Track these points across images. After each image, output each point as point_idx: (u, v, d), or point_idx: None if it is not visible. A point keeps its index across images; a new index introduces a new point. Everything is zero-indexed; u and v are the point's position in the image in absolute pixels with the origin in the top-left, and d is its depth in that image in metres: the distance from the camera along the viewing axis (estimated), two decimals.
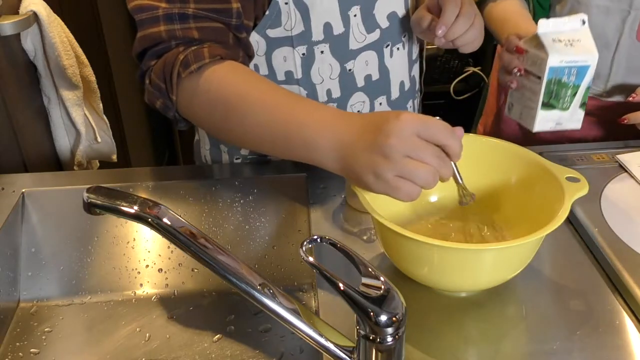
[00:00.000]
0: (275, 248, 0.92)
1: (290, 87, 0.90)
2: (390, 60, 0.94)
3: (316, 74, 0.89)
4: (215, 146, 1.02)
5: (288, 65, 0.88)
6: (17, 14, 1.04)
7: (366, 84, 0.93)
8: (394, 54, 0.94)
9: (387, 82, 0.96)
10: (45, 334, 0.83)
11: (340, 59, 0.89)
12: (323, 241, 0.55)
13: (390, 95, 0.97)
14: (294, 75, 0.89)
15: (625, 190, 0.87)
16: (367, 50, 0.91)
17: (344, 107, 0.94)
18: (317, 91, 0.91)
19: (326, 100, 0.92)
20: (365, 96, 0.95)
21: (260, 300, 0.56)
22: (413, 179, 0.61)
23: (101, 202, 0.56)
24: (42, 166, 1.14)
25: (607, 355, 0.64)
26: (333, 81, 0.91)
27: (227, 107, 0.71)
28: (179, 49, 0.73)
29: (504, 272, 0.68)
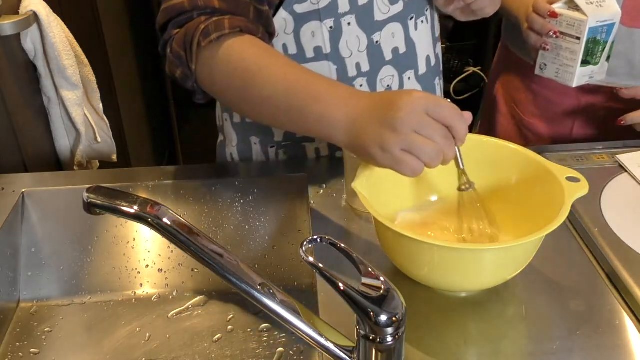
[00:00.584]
0: (275, 248, 0.92)
1: (320, 63, 0.90)
2: (415, 34, 0.94)
3: (345, 48, 0.90)
4: (244, 142, 1.02)
5: (317, 40, 0.89)
6: (17, 14, 1.04)
7: (394, 57, 0.94)
8: (419, 27, 0.95)
9: (414, 55, 0.96)
10: (45, 334, 0.83)
11: (366, 30, 0.90)
12: (323, 241, 0.55)
13: (418, 69, 0.97)
14: (323, 50, 0.89)
15: (625, 190, 0.87)
16: (392, 22, 0.91)
17: (374, 82, 0.94)
18: (346, 65, 0.91)
19: (356, 75, 0.92)
20: (394, 70, 0.95)
21: (260, 300, 0.56)
22: (418, 155, 0.63)
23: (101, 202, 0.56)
24: (42, 166, 1.14)
25: (607, 355, 0.64)
26: (361, 54, 0.91)
27: (246, 77, 0.73)
28: (201, 19, 0.75)
29: (504, 272, 0.68)
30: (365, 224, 0.83)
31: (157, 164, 2.30)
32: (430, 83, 1.00)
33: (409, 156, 0.63)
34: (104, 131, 1.26)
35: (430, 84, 1.00)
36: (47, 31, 1.06)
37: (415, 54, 0.96)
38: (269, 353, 0.79)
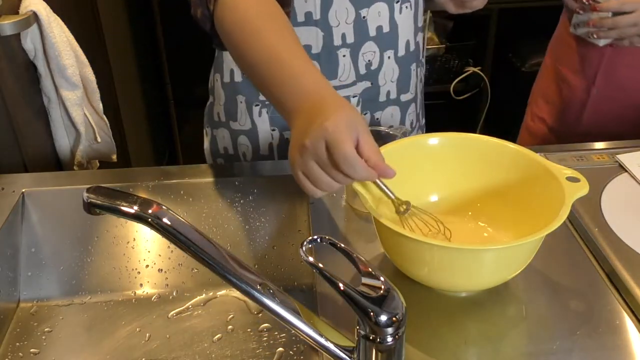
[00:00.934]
0: (275, 248, 0.92)
1: (309, 28, 0.95)
2: (399, 17, 0.98)
3: (333, 17, 0.94)
4: (231, 100, 1.05)
5: (308, 6, 0.93)
6: (17, 14, 1.04)
7: (377, 35, 0.98)
8: (403, 11, 0.99)
9: (395, 36, 1.00)
10: (45, 334, 0.83)
11: (355, 4, 0.94)
12: (323, 241, 0.55)
13: (398, 51, 1.01)
14: (313, 16, 0.94)
15: (625, 190, 0.87)
16: (380, 1, 0.96)
17: (356, 55, 0.98)
18: (333, 34, 0.95)
19: (340, 45, 0.96)
20: (376, 46, 0.99)
21: (260, 300, 0.56)
22: (314, 183, 0.65)
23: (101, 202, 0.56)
24: (42, 166, 1.14)
25: (607, 355, 0.64)
26: (348, 26, 0.95)
27: (242, 36, 0.77)
28: None
29: (504, 272, 0.68)
30: (365, 224, 0.83)
31: (157, 164, 2.30)
32: (407, 66, 1.04)
33: (307, 181, 0.66)
34: (104, 131, 1.26)
35: (407, 67, 1.04)
36: (47, 31, 1.06)
37: (397, 36, 1.00)
38: (269, 353, 0.79)
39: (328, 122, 0.62)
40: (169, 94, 2.37)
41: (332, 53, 0.97)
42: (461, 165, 0.79)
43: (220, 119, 1.09)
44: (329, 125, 0.62)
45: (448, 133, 0.95)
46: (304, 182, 0.66)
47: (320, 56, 0.97)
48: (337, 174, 0.64)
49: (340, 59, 0.98)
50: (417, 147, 0.79)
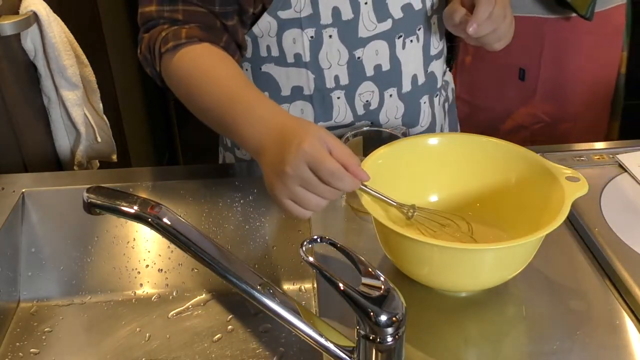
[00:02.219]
0: (275, 248, 0.92)
1: (299, 70, 0.91)
2: (402, 52, 0.93)
3: (324, 59, 0.90)
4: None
5: (297, 47, 0.89)
6: (17, 14, 1.04)
7: (376, 74, 0.93)
8: (407, 45, 0.93)
9: (397, 73, 0.95)
10: (45, 334, 0.83)
11: (348, 45, 0.90)
12: (323, 241, 0.55)
13: (402, 87, 0.96)
14: (302, 58, 0.90)
15: (625, 190, 0.87)
16: (378, 39, 0.91)
17: (352, 96, 0.94)
18: (324, 76, 0.92)
19: (334, 87, 0.93)
20: (375, 86, 0.94)
21: (260, 300, 0.56)
22: (303, 206, 0.66)
23: (101, 202, 0.57)
24: (42, 166, 1.14)
25: (607, 355, 0.64)
26: (341, 67, 0.91)
27: (190, 87, 0.79)
28: (163, 27, 0.83)
29: (504, 272, 0.68)
30: (365, 224, 0.83)
31: (157, 164, 2.30)
32: (414, 102, 0.98)
33: (295, 205, 0.66)
34: (104, 131, 1.26)
35: (415, 102, 0.99)
36: (47, 31, 1.06)
37: (400, 72, 0.95)
38: (269, 353, 0.79)
39: (304, 144, 0.64)
40: (169, 94, 2.36)
41: (326, 95, 0.93)
42: (461, 165, 0.79)
43: (227, 144, 1.08)
44: (306, 147, 0.63)
45: (448, 133, 0.96)
46: (293, 207, 0.66)
47: (313, 98, 0.94)
48: (324, 191, 0.65)
49: (334, 100, 0.94)
50: (417, 147, 0.79)
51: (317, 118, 0.95)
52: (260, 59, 0.93)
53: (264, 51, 0.91)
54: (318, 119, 0.95)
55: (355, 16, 0.88)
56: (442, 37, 1.00)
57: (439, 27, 0.98)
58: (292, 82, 0.93)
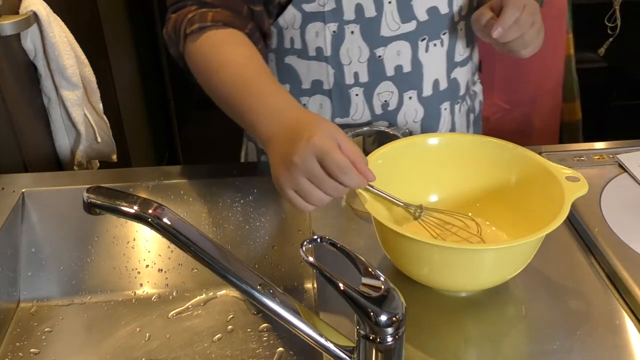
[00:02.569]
0: (275, 248, 0.92)
1: (319, 64, 0.92)
2: (425, 55, 0.93)
3: (345, 55, 0.90)
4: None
5: (319, 41, 0.90)
6: (17, 14, 1.04)
7: (396, 74, 0.93)
8: (430, 49, 0.93)
9: (419, 76, 0.94)
10: (45, 334, 0.83)
11: (370, 43, 0.90)
12: (323, 241, 0.55)
13: (422, 91, 0.95)
14: (324, 52, 0.91)
15: (625, 190, 0.87)
16: (400, 40, 0.90)
17: (371, 94, 0.94)
18: (344, 72, 0.92)
19: (353, 83, 0.93)
20: (394, 87, 0.94)
21: (260, 300, 0.56)
22: (306, 199, 0.66)
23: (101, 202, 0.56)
24: (42, 166, 1.14)
25: (607, 355, 0.64)
26: (361, 65, 0.91)
27: (210, 72, 0.79)
28: (190, 8, 0.82)
29: (504, 272, 0.68)
30: (365, 224, 0.83)
31: (157, 164, 2.30)
32: (434, 107, 0.97)
33: (298, 197, 0.67)
34: (104, 131, 1.26)
35: (435, 107, 0.97)
36: (47, 31, 1.06)
37: (421, 75, 0.94)
38: (269, 353, 0.79)
39: (315, 138, 0.64)
40: (169, 94, 2.37)
41: (344, 91, 0.94)
42: (461, 165, 0.79)
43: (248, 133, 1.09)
44: (316, 140, 0.64)
45: (448, 133, 0.96)
46: (296, 199, 0.67)
47: (332, 93, 0.94)
48: (328, 186, 0.65)
49: (352, 97, 0.94)
50: (417, 147, 0.79)
51: (335, 114, 0.96)
52: (284, 50, 0.94)
53: (288, 43, 0.92)
54: (336, 115, 0.96)
55: (378, 14, 0.88)
56: (469, 44, 0.99)
57: (467, 34, 0.96)
58: (312, 76, 0.94)
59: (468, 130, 1.06)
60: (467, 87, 1.02)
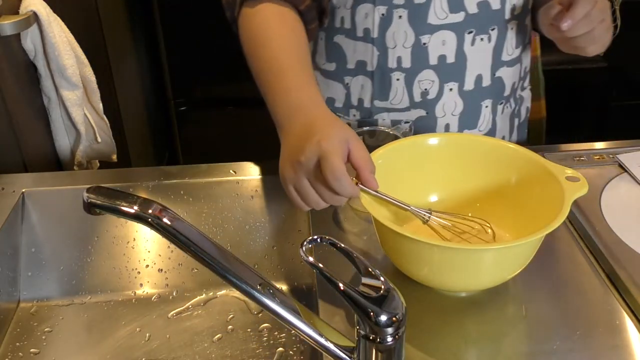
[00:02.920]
0: (275, 248, 0.92)
1: (366, 45, 0.93)
2: (470, 48, 0.92)
3: (390, 38, 0.91)
4: None
5: (367, 22, 0.91)
6: (17, 14, 1.04)
7: (439, 64, 0.93)
8: (477, 43, 0.92)
9: (462, 69, 0.94)
10: (45, 334, 0.83)
11: (416, 29, 0.90)
12: (323, 241, 0.55)
13: (464, 84, 0.95)
14: (371, 34, 0.92)
15: (625, 190, 0.87)
16: (447, 29, 0.90)
17: (411, 81, 0.94)
18: (388, 55, 0.93)
19: (395, 67, 0.93)
20: (436, 76, 0.94)
21: (260, 300, 0.55)
22: (304, 199, 0.68)
23: (101, 202, 0.56)
24: (42, 166, 1.14)
25: (607, 355, 0.64)
26: (406, 50, 0.92)
27: (255, 46, 0.81)
28: None
29: (504, 272, 0.68)
30: (365, 224, 0.83)
31: (157, 164, 2.30)
32: (475, 102, 0.97)
33: (297, 196, 0.68)
34: (104, 131, 1.26)
35: (476, 103, 0.97)
36: (47, 31, 1.06)
37: (464, 68, 0.93)
38: (269, 353, 0.79)
39: (323, 140, 0.65)
40: (169, 94, 2.37)
41: (386, 74, 0.94)
42: (461, 165, 0.79)
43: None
44: (323, 143, 0.64)
45: (448, 133, 0.95)
46: (294, 196, 0.69)
47: (374, 75, 0.94)
48: (324, 192, 0.66)
49: (393, 81, 0.94)
50: (417, 147, 0.79)
51: (375, 95, 0.96)
52: (334, 29, 0.95)
53: (338, 22, 0.94)
54: (376, 97, 0.97)
55: (427, 1, 0.88)
56: (519, 45, 0.97)
57: (518, 35, 0.96)
58: (357, 56, 0.95)
59: (511, 135, 1.05)
60: (514, 89, 1.01)
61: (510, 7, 0.92)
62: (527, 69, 1.05)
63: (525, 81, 1.06)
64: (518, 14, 0.94)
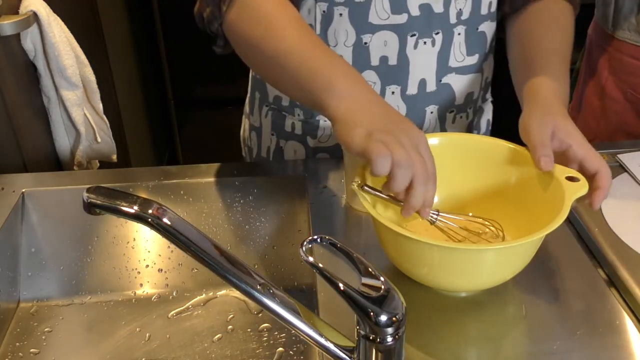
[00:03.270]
0: (275, 248, 0.92)
1: None
2: (413, 52, 0.90)
3: (332, 36, 0.89)
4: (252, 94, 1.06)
5: (310, 19, 0.89)
6: (17, 14, 1.04)
7: (381, 65, 0.91)
8: (420, 46, 0.90)
9: (404, 72, 0.91)
10: (45, 334, 0.83)
11: (357, 28, 0.88)
12: (323, 241, 0.55)
13: (407, 88, 0.92)
14: (314, 31, 0.88)
15: (625, 190, 0.87)
16: (388, 30, 0.88)
17: None
18: None
19: None
20: (377, 78, 0.91)
21: (260, 300, 0.55)
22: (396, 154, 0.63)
23: (101, 202, 0.56)
24: (42, 166, 1.14)
25: (607, 355, 0.64)
26: (347, 49, 0.90)
27: (270, 28, 0.75)
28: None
29: (504, 272, 0.68)
30: (365, 224, 0.83)
31: (157, 164, 2.30)
32: (418, 108, 0.94)
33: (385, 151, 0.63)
34: (104, 131, 1.26)
35: (419, 109, 0.94)
36: (47, 31, 1.06)
37: (407, 72, 0.91)
38: (269, 353, 0.79)
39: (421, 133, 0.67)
40: (169, 94, 2.37)
41: None
42: (461, 165, 0.79)
43: (245, 110, 1.10)
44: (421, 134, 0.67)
45: (448, 133, 0.95)
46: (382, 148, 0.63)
47: None
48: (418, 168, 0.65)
49: None
50: None
51: None
52: None
53: None
54: None
55: (367, 0, 0.86)
56: (474, 53, 0.94)
57: (469, 41, 0.92)
58: None
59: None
60: (471, 99, 0.98)
61: (455, 11, 0.89)
62: (488, 80, 1.02)
63: (487, 93, 1.04)
64: (466, 20, 0.90)
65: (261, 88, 1.03)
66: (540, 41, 0.88)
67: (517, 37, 0.92)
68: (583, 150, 0.72)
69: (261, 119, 1.04)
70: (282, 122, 1.02)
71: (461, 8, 0.89)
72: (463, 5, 0.89)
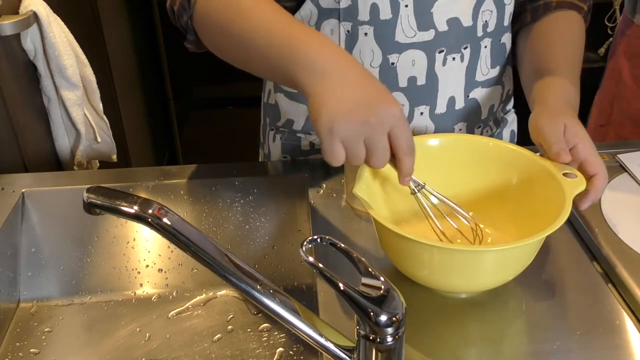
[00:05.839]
0: (275, 248, 0.92)
1: None
2: (442, 69, 0.87)
3: (357, 57, 0.86)
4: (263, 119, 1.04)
5: (334, 39, 0.85)
6: (17, 14, 1.04)
7: (409, 86, 0.88)
8: (448, 63, 0.87)
9: (433, 91, 0.89)
10: (45, 334, 0.83)
11: (383, 47, 0.85)
12: (323, 241, 0.55)
13: (435, 107, 0.90)
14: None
15: (625, 190, 0.87)
16: (416, 49, 0.85)
17: None
18: None
19: None
20: (406, 99, 0.89)
21: (260, 300, 0.55)
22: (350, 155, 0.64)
23: (101, 202, 0.56)
24: (42, 166, 1.14)
25: (607, 355, 0.64)
26: (373, 70, 0.86)
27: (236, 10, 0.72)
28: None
29: (505, 273, 0.68)
30: (365, 224, 0.83)
31: (157, 164, 2.30)
32: (447, 126, 0.92)
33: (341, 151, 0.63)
34: (104, 131, 1.26)
35: (448, 127, 0.92)
36: (47, 31, 1.06)
37: (436, 90, 0.89)
38: (269, 353, 0.79)
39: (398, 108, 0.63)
40: (169, 94, 2.37)
41: None
42: (461, 165, 0.79)
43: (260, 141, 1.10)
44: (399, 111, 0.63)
45: (448, 134, 0.95)
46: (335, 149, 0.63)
47: None
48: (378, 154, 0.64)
49: None
50: (417, 148, 0.79)
51: None
52: None
53: None
54: None
55: (393, 17, 0.83)
56: (496, 65, 0.93)
57: (494, 53, 0.91)
58: None
59: None
60: (493, 112, 0.97)
61: (482, 23, 0.87)
62: (509, 92, 1.01)
63: (507, 104, 1.03)
64: (492, 31, 0.89)
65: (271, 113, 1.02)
66: (552, 48, 0.87)
67: (530, 46, 0.91)
68: (586, 151, 0.73)
69: (269, 144, 1.04)
70: (296, 144, 1.00)
71: (487, 20, 0.87)
72: (489, 17, 0.87)
